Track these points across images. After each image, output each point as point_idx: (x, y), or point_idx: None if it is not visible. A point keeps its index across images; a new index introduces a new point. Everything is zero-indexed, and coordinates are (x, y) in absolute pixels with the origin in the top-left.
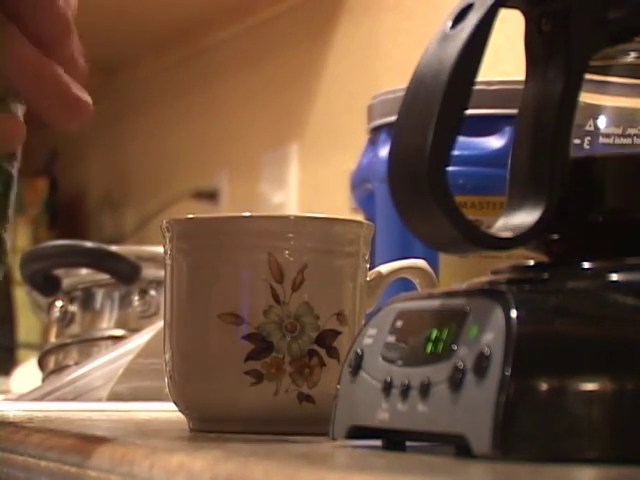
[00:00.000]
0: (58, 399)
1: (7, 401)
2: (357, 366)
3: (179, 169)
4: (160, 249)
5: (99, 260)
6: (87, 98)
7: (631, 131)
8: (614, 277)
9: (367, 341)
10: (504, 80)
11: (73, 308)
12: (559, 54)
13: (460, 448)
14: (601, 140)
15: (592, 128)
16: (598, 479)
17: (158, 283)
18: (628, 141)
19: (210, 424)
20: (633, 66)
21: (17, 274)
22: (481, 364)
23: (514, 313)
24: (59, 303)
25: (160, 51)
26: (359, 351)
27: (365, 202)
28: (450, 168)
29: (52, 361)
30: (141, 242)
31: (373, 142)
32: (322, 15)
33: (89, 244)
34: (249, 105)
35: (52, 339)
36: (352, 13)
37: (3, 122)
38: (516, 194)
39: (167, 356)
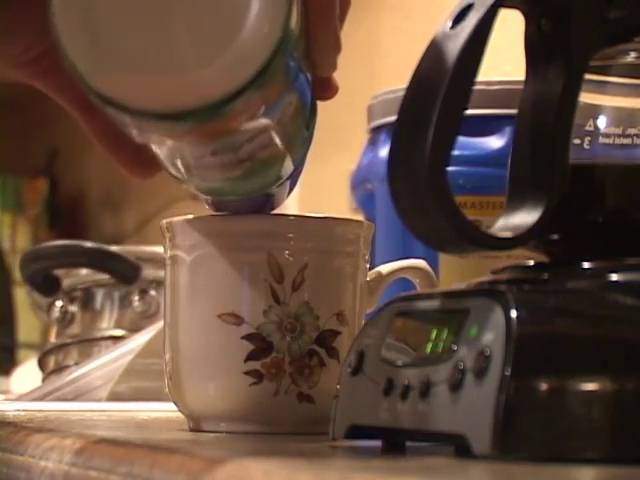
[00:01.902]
0: (58, 399)
1: (7, 401)
2: (357, 366)
3: None
4: (160, 249)
5: (99, 260)
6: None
7: (631, 131)
8: (614, 277)
9: (367, 341)
10: (504, 80)
11: (73, 308)
12: (559, 54)
13: (460, 448)
14: (601, 140)
15: (592, 128)
16: (598, 479)
17: (158, 283)
18: (628, 141)
19: (210, 424)
20: (633, 66)
21: (17, 274)
22: (481, 364)
23: (514, 313)
24: (59, 303)
25: None
26: (359, 351)
27: (365, 202)
28: (450, 168)
29: (52, 361)
30: (141, 242)
31: (373, 142)
32: None
33: (89, 244)
34: None
35: (52, 339)
36: (352, 12)
37: None
38: (516, 194)
39: (167, 356)
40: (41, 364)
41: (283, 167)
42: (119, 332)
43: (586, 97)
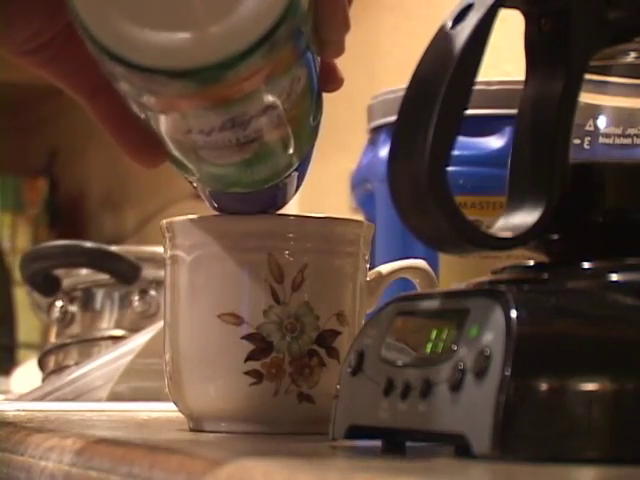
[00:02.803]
0: (58, 399)
1: (7, 401)
2: (357, 366)
3: None
4: (160, 249)
5: (99, 260)
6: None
7: (631, 131)
8: (614, 277)
9: (367, 341)
10: (504, 80)
11: (73, 308)
12: (559, 54)
13: (460, 448)
14: (601, 140)
15: (592, 128)
16: (598, 479)
17: (158, 283)
18: (628, 141)
19: (210, 424)
20: (633, 66)
21: (17, 274)
22: (481, 364)
23: (514, 313)
24: (59, 303)
25: None
26: (359, 351)
27: (365, 202)
28: (450, 168)
29: (52, 361)
30: (141, 242)
31: (373, 142)
32: None
33: (89, 244)
34: None
35: (52, 339)
36: (352, 13)
37: None
38: (516, 194)
39: (167, 356)
40: (41, 364)
41: (290, 156)
42: (119, 332)
43: (586, 97)
